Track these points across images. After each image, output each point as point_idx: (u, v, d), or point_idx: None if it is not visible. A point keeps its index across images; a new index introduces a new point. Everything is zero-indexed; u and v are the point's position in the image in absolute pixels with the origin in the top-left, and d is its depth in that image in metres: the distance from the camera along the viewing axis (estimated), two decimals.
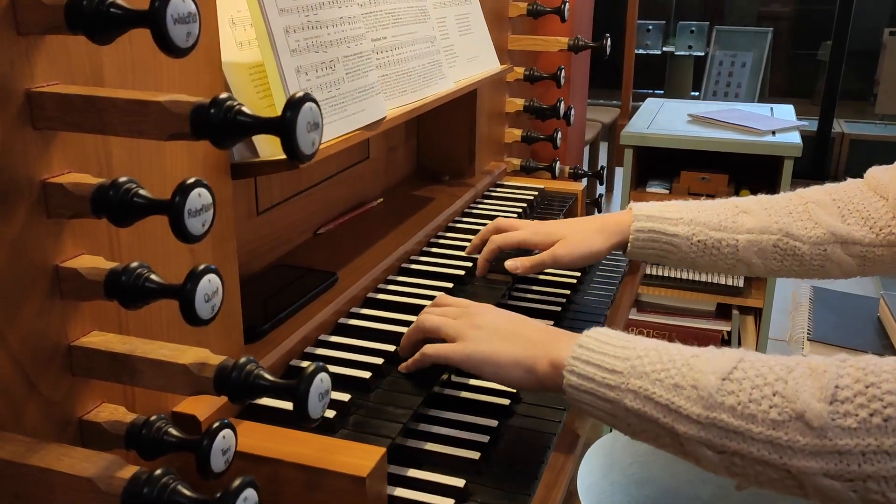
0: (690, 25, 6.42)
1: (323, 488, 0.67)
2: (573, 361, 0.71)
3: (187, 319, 0.53)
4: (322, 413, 0.56)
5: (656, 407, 0.65)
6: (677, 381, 0.65)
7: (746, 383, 0.62)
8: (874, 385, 0.57)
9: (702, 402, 0.63)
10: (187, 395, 0.56)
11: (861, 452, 0.56)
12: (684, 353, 0.67)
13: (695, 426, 0.63)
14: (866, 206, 0.97)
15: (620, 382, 0.68)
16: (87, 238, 0.58)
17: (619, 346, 0.70)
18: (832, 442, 0.57)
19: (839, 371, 0.60)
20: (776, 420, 0.60)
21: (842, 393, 0.58)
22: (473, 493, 0.75)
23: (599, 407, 0.70)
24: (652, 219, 1.04)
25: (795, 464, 0.59)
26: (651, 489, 1.06)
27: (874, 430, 0.56)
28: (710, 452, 0.63)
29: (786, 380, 0.61)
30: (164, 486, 0.48)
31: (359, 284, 0.97)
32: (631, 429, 0.69)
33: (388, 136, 1.33)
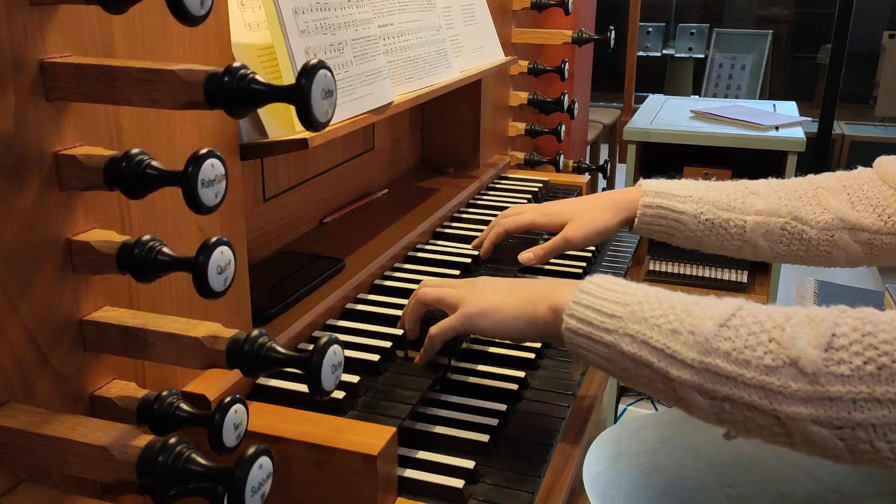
0: (690, 27, 6.43)
1: (332, 467, 0.66)
2: (573, 305, 0.71)
3: (200, 292, 0.53)
4: (335, 385, 0.56)
5: (652, 351, 0.65)
6: (675, 326, 0.65)
7: (743, 330, 0.62)
8: (871, 334, 0.57)
9: (697, 347, 0.63)
10: (200, 368, 0.56)
11: (852, 399, 0.56)
12: (684, 301, 0.67)
13: (688, 370, 0.63)
14: (875, 193, 0.97)
15: (619, 326, 0.67)
16: (98, 213, 0.58)
17: (621, 291, 0.70)
18: (824, 388, 0.57)
19: (837, 320, 0.59)
20: (770, 366, 0.59)
21: (838, 341, 0.58)
22: (483, 474, 0.75)
23: (596, 351, 0.69)
24: (661, 195, 1.04)
25: (785, 409, 0.58)
26: (657, 478, 1.05)
27: (867, 378, 0.56)
28: (700, 398, 0.63)
29: (783, 327, 0.61)
30: (179, 455, 0.48)
31: (365, 271, 0.97)
32: (625, 373, 0.68)
33: (393, 126, 1.33)
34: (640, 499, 1.06)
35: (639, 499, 1.06)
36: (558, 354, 0.98)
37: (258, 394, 0.75)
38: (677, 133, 1.99)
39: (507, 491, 0.73)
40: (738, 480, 1.00)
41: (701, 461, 1.03)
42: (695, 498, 1.02)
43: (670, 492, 1.04)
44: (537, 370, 0.94)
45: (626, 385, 0.71)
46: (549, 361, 0.96)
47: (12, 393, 0.52)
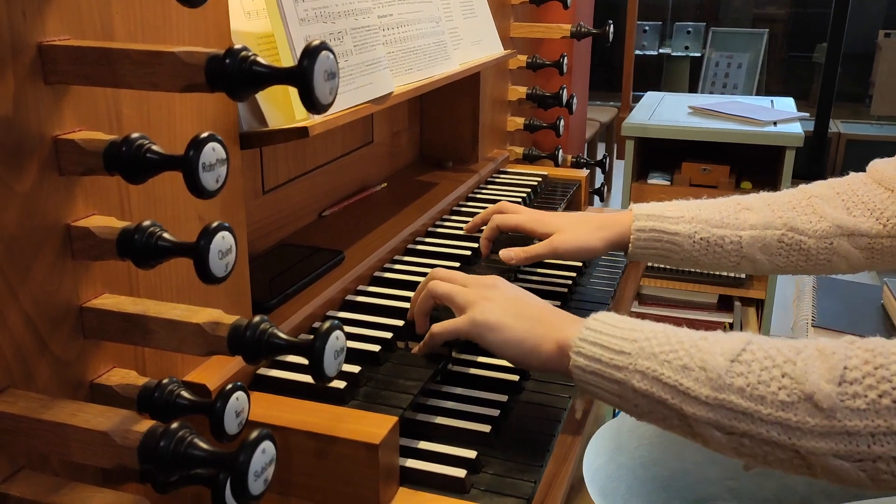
0: (687, 26, 6.44)
1: (334, 457, 0.66)
2: (580, 343, 0.71)
3: (202, 277, 0.53)
4: (338, 371, 0.55)
5: (664, 388, 0.65)
6: (685, 362, 0.64)
7: (755, 365, 0.62)
8: (883, 367, 0.57)
9: (710, 384, 0.63)
10: (201, 354, 0.55)
11: (870, 433, 0.56)
12: (692, 336, 0.67)
13: (703, 407, 0.63)
14: (871, 197, 0.97)
15: (628, 363, 0.67)
16: (98, 200, 0.57)
17: (627, 328, 0.70)
18: (841, 423, 0.57)
19: (847, 353, 0.59)
20: (785, 401, 0.59)
21: (850, 374, 0.58)
22: (485, 464, 0.75)
23: (606, 388, 0.69)
24: (653, 218, 1.03)
25: (804, 444, 0.59)
26: (658, 471, 1.05)
27: (883, 412, 0.56)
28: (718, 433, 0.63)
29: (794, 361, 0.61)
30: (181, 440, 0.47)
31: (365, 263, 0.97)
32: (638, 410, 0.68)
33: (392, 120, 1.32)
34: (640, 492, 1.06)
35: (639, 492, 1.06)
36: None
37: (259, 384, 0.75)
38: (676, 128, 1.99)
39: (510, 481, 0.73)
40: (739, 473, 1.00)
41: (702, 453, 1.03)
42: (696, 490, 1.02)
43: (671, 484, 1.04)
44: None
45: (640, 420, 0.71)
46: None
47: (12, 379, 0.52)
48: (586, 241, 1.03)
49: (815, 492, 0.94)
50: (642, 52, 6.33)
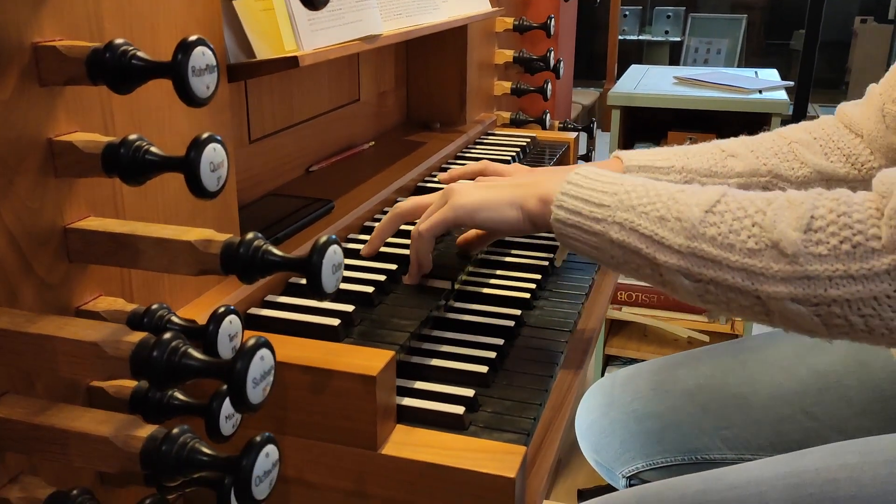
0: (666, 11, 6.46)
1: (330, 391, 0.64)
2: (562, 197, 0.72)
3: (194, 191, 0.51)
4: (336, 287, 0.53)
5: (640, 238, 0.67)
6: (662, 213, 0.67)
7: (728, 215, 0.64)
8: (846, 214, 0.59)
9: (684, 233, 0.65)
10: (193, 273, 0.53)
11: (828, 277, 0.59)
12: (670, 189, 0.69)
13: (675, 255, 0.65)
14: (846, 143, 0.98)
15: (607, 215, 0.69)
16: (80, 117, 0.55)
17: (608, 181, 0.71)
18: (803, 268, 0.59)
19: (815, 202, 0.61)
20: (753, 249, 0.62)
21: (816, 223, 0.60)
22: (483, 404, 0.73)
23: (585, 240, 0.71)
24: (644, 169, 1.02)
25: (766, 289, 0.61)
26: (651, 424, 1.04)
27: (843, 256, 0.58)
28: (686, 281, 0.65)
29: (765, 211, 0.63)
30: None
31: (354, 213, 0.95)
32: (613, 260, 0.70)
33: (378, 80, 1.30)
34: (633, 445, 1.05)
35: (632, 445, 1.05)
36: (553, 295, 0.96)
37: (251, 324, 0.73)
38: (662, 97, 1.98)
39: (509, 418, 0.71)
40: (733, 422, 0.99)
41: (695, 405, 1.02)
42: (690, 442, 1.02)
43: (665, 437, 1.03)
44: (533, 309, 0.92)
45: (613, 271, 0.73)
46: (543, 301, 0.95)
47: None
48: None
49: (811, 437, 0.94)
50: (623, 36, 6.33)
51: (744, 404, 0.99)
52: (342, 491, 0.66)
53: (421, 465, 0.63)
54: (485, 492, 0.62)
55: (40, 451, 0.49)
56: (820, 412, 0.95)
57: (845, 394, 0.94)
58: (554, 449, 0.75)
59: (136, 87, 0.51)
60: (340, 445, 0.65)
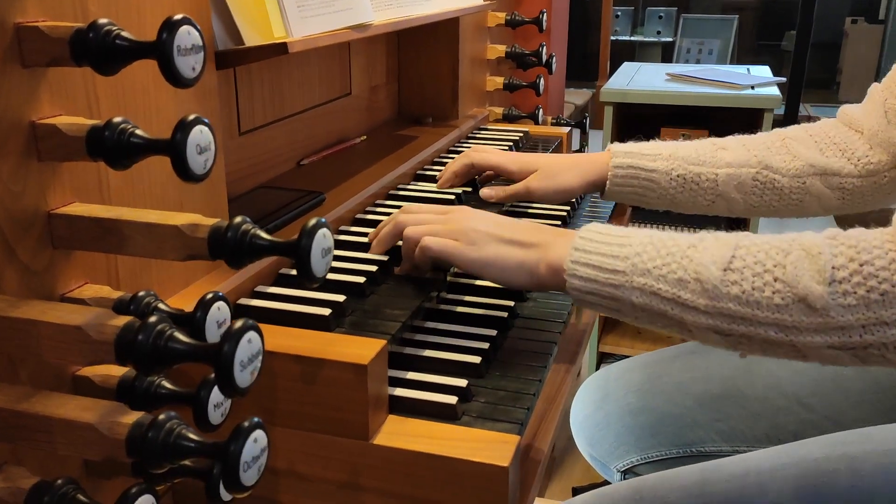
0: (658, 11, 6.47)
1: (321, 380, 0.63)
2: (572, 266, 0.71)
3: (180, 174, 0.50)
4: (325, 272, 0.52)
5: (663, 301, 0.66)
6: (680, 275, 0.66)
7: (747, 272, 0.63)
8: (868, 263, 0.60)
9: (706, 294, 0.64)
10: (180, 259, 0.52)
11: (861, 325, 0.60)
12: (680, 245, 0.68)
13: (702, 315, 0.65)
14: (843, 139, 0.98)
15: (624, 281, 0.68)
16: (64, 101, 0.54)
17: (616, 243, 0.70)
18: (834, 319, 0.60)
19: (832, 251, 0.61)
20: (780, 304, 0.62)
21: (839, 273, 0.60)
22: (476, 394, 0.72)
23: (606, 305, 0.71)
24: (630, 155, 1.03)
25: (801, 340, 0.62)
26: (646, 418, 1.04)
27: (873, 305, 0.59)
28: (717, 336, 0.65)
29: (784, 265, 0.62)
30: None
31: (346, 205, 0.94)
32: (638, 321, 0.70)
33: (370, 74, 1.29)
34: (628, 439, 1.04)
35: (627, 439, 1.04)
36: None
37: (240, 313, 0.71)
38: (654, 93, 1.98)
39: (502, 408, 0.70)
40: (729, 415, 0.99)
41: (691, 398, 1.02)
42: (685, 435, 1.01)
43: (660, 430, 1.02)
44: (526, 301, 0.92)
45: (639, 326, 0.72)
46: (537, 294, 0.94)
47: None
48: (563, 182, 1.02)
49: (807, 428, 0.93)
50: (615, 37, 6.33)
51: (739, 396, 0.98)
52: (334, 483, 0.65)
53: (414, 455, 0.62)
54: (479, 481, 0.61)
55: (24, 440, 0.48)
56: (816, 403, 0.94)
57: (842, 384, 0.94)
58: (548, 440, 0.75)
59: (121, 67, 0.50)
60: (332, 436, 0.64)
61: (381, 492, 0.64)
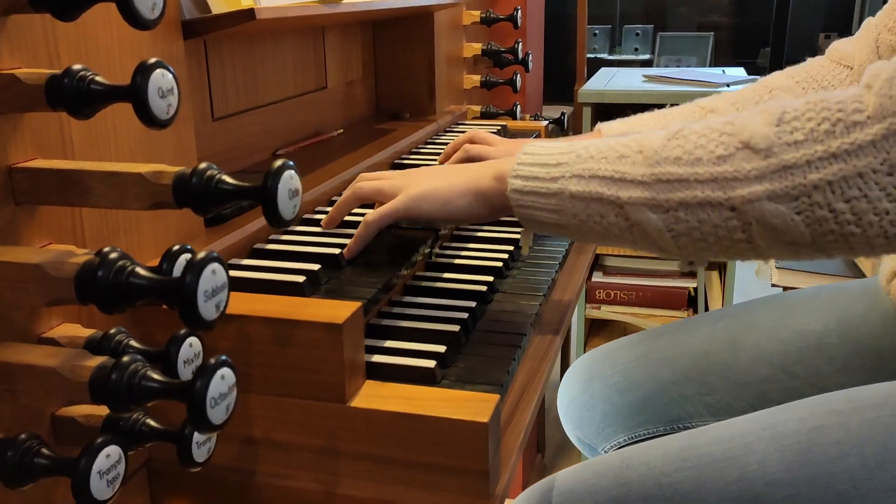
0: (635, 29, 6.55)
1: (295, 342, 0.62)
2: (517, 167, 0.69)
3: (143, 119, 0.49)
4: (294, 214, 0.52)
5: (601, 182, 0.64)
6: (622, 152, 0.64)
7: (693, 135, 0.61)
8: (824, 100, 0.56)
9: (647, 162, 0.62)
10: (144, 208, 0.51)
11: (807, 162, 0.54)
12: (630, 136, 0.66)
13: (639, 187, 0.61)
14: (830, 79, 0.97)
15: (565, 171, 0.66)
16: (23, 54, 0.53)
17: (565, 146, 0.69)
18: (777, 159, 0.55)
19: (789, 102, 0.58)
20: (722, 155, 0.58)
21: (789, 115, 0.56)
22: (455, 360, 0.71)
23: (544, 206, 0.67)
24: (623, 135, 1.02)
25: (739, 193, 0.57)
26: (633, 396, 1.03)
27: (822, 136, 0.54)
28: (653, 215, 0.61)
29: (733, 122, 0.60)
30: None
31: (321, 188, 0.93)
32: (576, 220, 0.66)
33: (346, 68, 1.29)
34: (615, 419, 1.03)
35: (614, 419, 1.03)
36: (527, 265, 0.95)
37: None
38: (632, 93, 1.99)
39: (482, 371, 0.70)
40: (715, 387, 0.98)
41: (677, 373, 1.01)
42: (672, 410, 1.00)
43: (647, 407, 1.01)
44: (505, 278, 0.91)
45: (578, 240, 0.69)
46: (517, 271, 0.93)
47: None
48: None
49: (792, 396, 0.92)
50: (594, 55, 6.40)
51: (725, 369, 0.97)
52: (312, 449, 0.64)
53: (391, 416, 0.61)
54: (457, 439, 0.60)
55: None
56: (801, 371, 0.93)
57: (826, 351, 0.93)
58: (529, 411, 0.73)
59: (81, 12, 0.49)
60: (308, 400, 0.63)
61: (360, 455, 0.63)
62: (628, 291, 2.14)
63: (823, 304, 0.97)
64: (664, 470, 0.74)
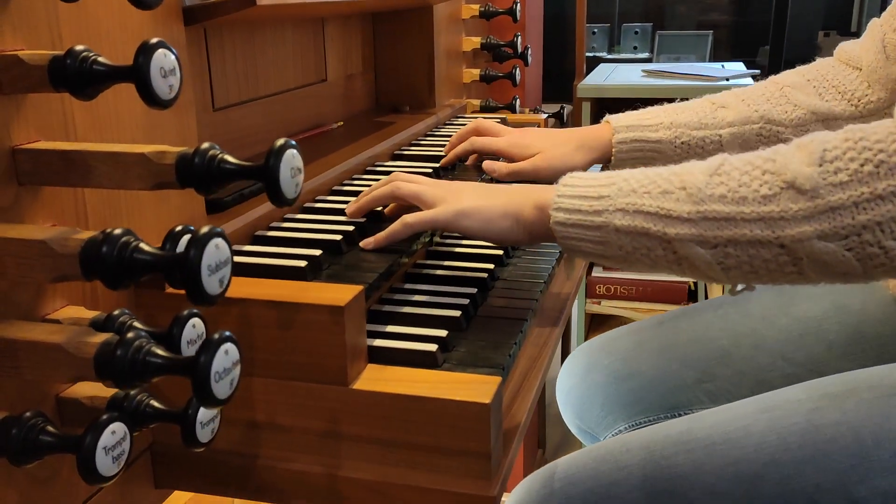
0: (634, 27, 6.55)
1: (298, 325, 0.62)
2: (559, 199, 0.70)
3: (146, 99, 0.49)
4: (296, 193, 0.52)
5: (646, 217, 0.64)
6: (665, 188, 0.64)
7: (735, 172, 0.61)
8: (862, 139, 0.56)
9: (691, 200, 0.62)
10: (147, 188, 0.51)
11: (854, 203, 0.55)
12: (668, 168, 0.67)
13: (686, 224, 0.62)
14: (841, 80, 0.98)
15: (608, 205, 0.66)
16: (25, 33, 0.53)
17: (603, 177, 0.70)
18: (824, 200, 0.56)
19: (825, 138, 0.59)
20: (767, 195, 0.59)
21: (830, 154, 0.57)
22: (456, 345, 0.72)
23: (589, 238, 0.68)
24: (632, 128, 1.03)
25: (789, 233, 0.58)
26: (632, 384, 1.03)
27: (866, 178, 0.55)
28: (702, 250, 0.62)
29: (774, 159, 0.60)
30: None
31: (322, 177, 0.94)
32: (622, 252, 0.67)
33: (345, 62, 1.30)
34: (615, 406, 1.04)
35: (614, 407, 1.04)
36: (527, 253, 0.95)
37: None
38: (631, 87, 1.99)
39: (483, 355, 0.70)
40: (716, 375, 0.98)
41: (677, 361, 1.01)
42: (672, 398, 1.00)
43: (647, 395, 1.02)
44: (506, 266, 0.91)
45: (625, 269, 0.70)
46: (517, 260, 0.94)
47: None
48: (569, 162, 1.01)
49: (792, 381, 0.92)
50: (593, 54, 6.40)
51: (725, 356, 0.97)
52: (315, 432, 0.64)
53: (393, 398, 0.61)
54: (459, 421, 0.60)
55: None
56: (800, 357, 0.94)
57: (825, 337, 0.93)
58: (530, 398, 0.74)
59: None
60: (311, 383, 0.63)
61: (363, 438, 0.63)
62: (628, 286, 2.14)
63: (822, 291, 0.97)
64: (664, 453, 0.75)
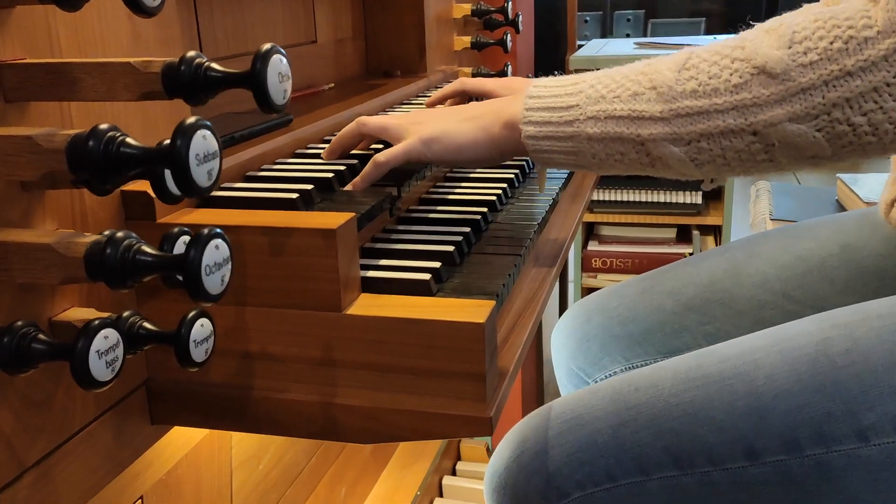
0: (626, 14, 6.56)
1: (289, 250, 0.62)
2: (527, 113, 0.69)
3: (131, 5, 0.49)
4: (284, 99, 0.52)
5: (618, 122, 0.64)
6: (634, 90, 0.63)
7: (704, 65, 0.61)
8: (832, 18, 0.56)
9: (662, 98, 0.62)
10: (134, 99, 0.51)
11: (824, 82, 0.56)
12: (634, 68, 0.66)
13: (659, 124, 0.62)
14: None
15: (578, 114, 0.66)
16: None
17: (569, 83, 0.69)
18: (795, 82, 0.56)
19: (794, 20, 0.58)
20: (738, 83, 0.58)
21: (800, 35, 0.57)
22: (449, 276, 0.71)
23: (561, 149, 0.68)
24: None
25: (761, 118, 0.58)
26: (634, 327, 1.02)
27: (836, 56, 0.55)
28: (676, 148, 0.62)
29: (742, 46, 0.60)
30: (112, 140, 0.43)
31: (313, 126, 0.93)
32: (596, 159, 0.67)
33: (335, 25, 1.29)
34: (614, 348, 1.03)
35: (613, 349, 1.03)
36: (521, 195, 0.95)
37: (207, 205, 0.70)
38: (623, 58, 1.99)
39: (477, 285, 0.70)
40: (716, 316, 0.98)
41: (680, 304, 1.01)
42: (672, 341, 1.00)
43: (647, 338, 1.02)
44: (500, 211, 0.91)
45: (600, 172, 0.70)
46: (510, 206, 0.93)
47: None
48: None
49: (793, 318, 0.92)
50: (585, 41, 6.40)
51: (727, 298, 0.97)
52: (308, 361, 0.64)
53: (388, 322, 0.61)
54: (454, 342, 0.60)
55: None
56: (801, 295, 0.94)
57: (828, 274, 0.93)
58: (525, 333, 0.73)
59: None
60: (304, 311, 0.63)
61: (357, 365, 0.63)
62: (624, 259, 2.14)
63: (825, 230, 0.97)
64: (673, 391, 0.74)
